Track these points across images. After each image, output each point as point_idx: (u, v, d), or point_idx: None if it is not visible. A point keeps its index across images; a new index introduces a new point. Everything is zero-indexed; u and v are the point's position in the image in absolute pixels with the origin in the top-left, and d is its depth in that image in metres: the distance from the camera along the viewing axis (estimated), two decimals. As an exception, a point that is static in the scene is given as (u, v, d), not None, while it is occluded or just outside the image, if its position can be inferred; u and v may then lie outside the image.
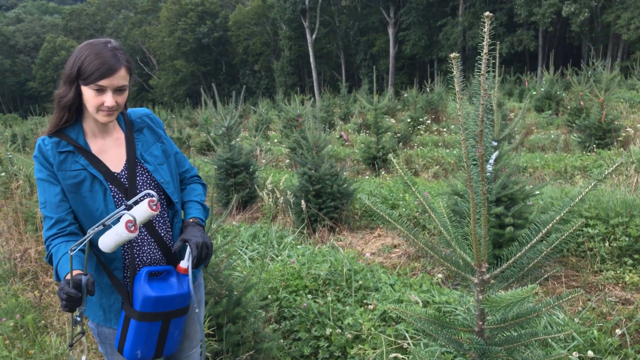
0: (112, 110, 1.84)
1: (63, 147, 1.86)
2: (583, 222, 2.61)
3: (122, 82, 1.82)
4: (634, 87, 16.05)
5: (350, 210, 6.07)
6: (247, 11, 51.60)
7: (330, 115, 16.15)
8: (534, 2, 35.49)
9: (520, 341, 1.15)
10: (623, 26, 32.12)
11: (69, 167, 1.85)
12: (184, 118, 24.80)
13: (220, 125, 7.06)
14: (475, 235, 1.07)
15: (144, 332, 1.81)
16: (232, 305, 2.88)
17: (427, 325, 1.26)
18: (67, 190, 1.85)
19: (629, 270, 4.04)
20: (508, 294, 0.96)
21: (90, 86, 1.78)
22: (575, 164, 7.38)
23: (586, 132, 8.68)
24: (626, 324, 3.21)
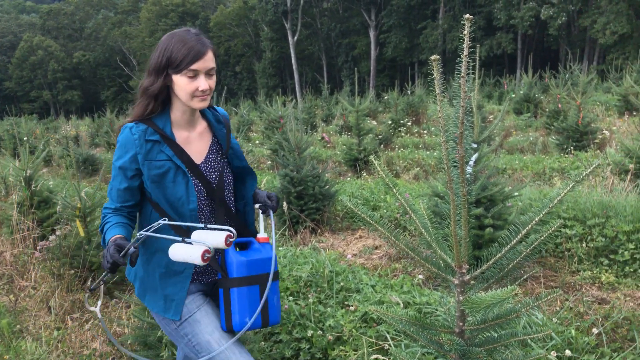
0: (205, 95, 1.87)
1: (150, 136, 1.90)
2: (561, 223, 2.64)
3: (212, 64, 1.87)
4: (609, 90, 16.35)
5: (332, 212, 6.08)
6: (229, 12, 51.42)
7: (312, 116, 16.16)
8: (512, 6, 35.99)
9: (500, 342, 1.16)
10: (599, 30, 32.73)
11: (154, 157, 1.89)
12: (164, 119, 24.53)
13: (201, 127, 7.01)
14: (456, 236, 1.08)
15: (246, 297, 1.86)
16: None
17: (408, 327, 1.26)
18: (150, 180, 1.89)
19: (605, 270, 4.11)
20: (488, 295, 0.97)
21: (182, 73, 1.82)
22: (554, 165, 7.49)
23: (564, 134, 8.82)
24: (602, 323, 3.26)
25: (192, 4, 52.93)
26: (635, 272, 4.04)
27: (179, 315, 1.92)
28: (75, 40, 62.08)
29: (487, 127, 4.54)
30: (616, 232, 4.28)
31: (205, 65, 1.83)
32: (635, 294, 3.74)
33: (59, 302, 3.99)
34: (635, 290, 3.79)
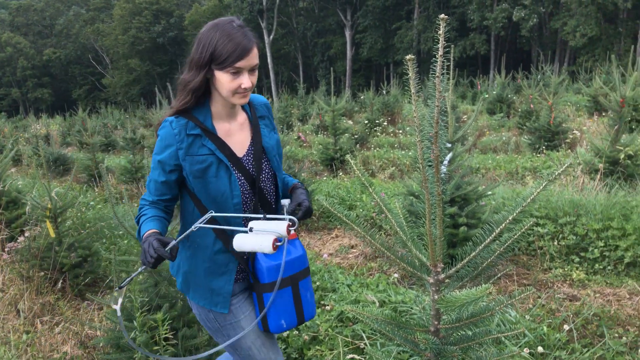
0: (247, 92, 1.83)
1: (191, 130, 1.85)
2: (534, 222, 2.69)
3: (256, 61, 1.81)
4: (579, 91, 16.69)
5: (308, 212, 6.06)
6: (204, 11, 50.96)
7: (288, 116, 16.12)
8: (486, 7, 36.48)
9: (474, 340, 1.16)
10: (569, 33, 33.40)
11: (196, 152, 1.85)
12: (138, 118, 24.24)
13: (175, 126, 6.92)
14: (431, 235, 1.08)
15: (279, 300, 1.84)
16: (187, 309, 2.83)
17: (384, 326, 1.26)
18: (193, 176, 1.85)
19: (575, 268, 4.19)
20: (463, 293, 0.97)
21: (226, 70, 1.76)
22: (526, 165, 7.60)
23: (536, 134, 8.96)
24: (573, 319, 3.32)
25: (166, 1, 52.31)
26: (604, 269, 4.13)
27: (227, 309, 1.92)
28: (46, 37, 60.79)
29: (461, 127, 4.58)
30: (586, 230, 4.37)
31: (250, 63, 1.78)
32: (604, 290, 3.82)
33: (28, 305, 3.90)
34: (604, 287, 3.87)
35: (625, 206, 4.56)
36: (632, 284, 3.82)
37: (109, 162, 10.70)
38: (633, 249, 4.09)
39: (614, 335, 3.15)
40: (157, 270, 2.78)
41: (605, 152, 5.92)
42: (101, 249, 4.75)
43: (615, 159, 5.88)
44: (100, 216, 5.77)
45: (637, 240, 4.13)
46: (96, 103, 43.86)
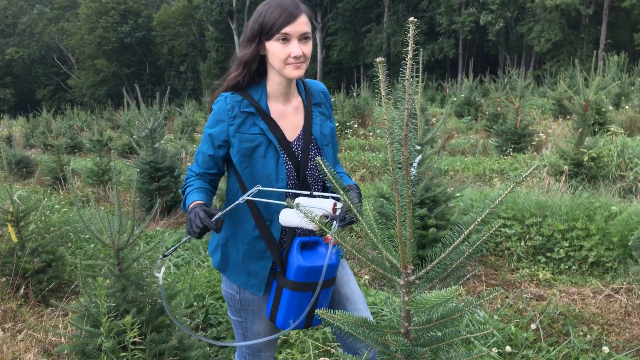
0: (299, 62, 1.78)
1: (245, 107, 1.85)
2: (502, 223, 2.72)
3: (305, 29, 1.77)
4: (545, 94, 17.08)
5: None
6: (173, 11, 50.39)
7: (257, 118, 16.03)
8: (454, 11, 37.04)
9: (444, 341, 1.17)
10: (535, 38, 34.19)
11: (247, 130, 1.84)
12: (105, 120, 23.80)
13: (143, 128, 6.82)
14: (401, 237, 1.09)
15: (296, 301, 1.80)
16: (155, 313, 2.78)
17: (354, 328, 1.26)
18: (240, 154, 1.84)
19: (542, 268, 4.27)
20: (432, 295, 0.98)
21: (274, 38, 1.75)
22: (493, 167, 7.73)
23: (503, 136, 9.13)
24: (540, 318, 3.39)
25: (134, 1, 51.52)
26: (569, 269, 4.23)
27: (261, 291, 1.92)
28: (8, 36, 59.13)
29: (430, 129, 4.63)
30: (552, 230, 4.46)
31: (298, 29, 1.75)
32: (569, 289, 3.90)
33: (-10, 312, 3.77)
34: (569, 287, 3.96)
35: (589, 207, 4.67)
36: (595, 283, 3.92)
37: (74, 165, 10.47)
38: (596, 249, 4.20)
39: (578, 333, 3.23)
40: (125, 274, 2.73)
41: (570, 155, 6.07)
42: (66, 253, 4.63)
43: (580, 161, 6.03)
44: (65, 220, 5.64)
45: (601, 240, 4.24)
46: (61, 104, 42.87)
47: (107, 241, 2.62)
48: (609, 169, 6.18)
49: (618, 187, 5.84)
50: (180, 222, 6.55)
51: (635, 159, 6.33)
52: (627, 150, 6.60)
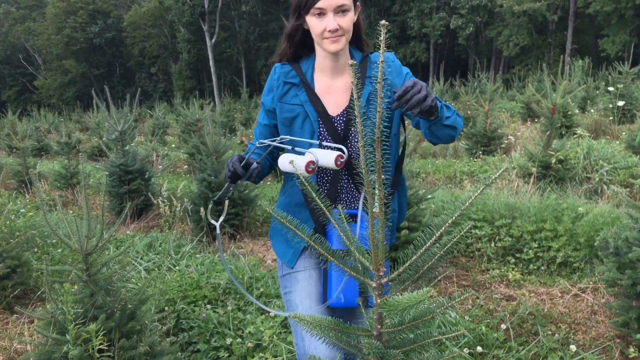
0: (336, 35, 1.75)
1: (290, 78, 1.88)
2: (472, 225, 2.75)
3: (342, 1, 1.72)
4: (513, 98, 17.41)
5: (252, 217, 6.01)
6: (143, 12, 49.73)
7: (231, 120, 15.96)
8: (425, 15, 37.48)
9: (416, 342, 1.18)
10: (504, 42, 34.82)
11: (288, 100, 1.87)
12: (73, 122, 23.35)
13: (113, 130, 6.71)
14: (374, 239, 1.09)
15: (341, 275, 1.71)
16: (125, 319, 2.72)
17: (327, 331, 1.25)
18: (281, 123, 1.89)
19: (511, 269, 4.34)
20: (405, 297, 0.98)
21: (311, 13, 1.74)
22: (464, 169, 7.84)
23: (473, 139, 9.26)
24: (510, 319, 3.44)
25: (103, 1, 50.68)
26: (538, 269, 4.31)
27: (293, 264, 1.94)
28: (-28, 36, 57.53)
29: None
30: (521, 232, 4.54)
31: (332, 3, 1.71)
32: (538, 290, 3.97)
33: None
34: (538, 287, 4.03)
35: (556, 208, 4.77)
36: (563, 283, 4.00)
37: (41, 168, 10.22)
38: (564, 249, 4.29)
39: (547, 332, 3.29)
40: (94, 279, 2.67)
41: (538, 157, 6.19)
42: (32, 259, 4.52)
43: (547, 163, 6.15)
44: (31, 224, 5.49)
45: (568, 241, 4.33)
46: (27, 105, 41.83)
47: (75, 246, 2.57)
48: (576, 171, 6.33)
49: (584, 188, 5.98)
50: (151, 226, 6.45)
51: (601, 161, 6.49)
52: (592, 153, 6.77)
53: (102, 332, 2.54)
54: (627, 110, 11.01)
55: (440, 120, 1.69)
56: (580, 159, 6.68)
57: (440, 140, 1.83)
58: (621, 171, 6.32)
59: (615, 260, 3.10)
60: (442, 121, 1.70)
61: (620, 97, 11.12)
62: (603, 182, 6.03)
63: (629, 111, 10.99)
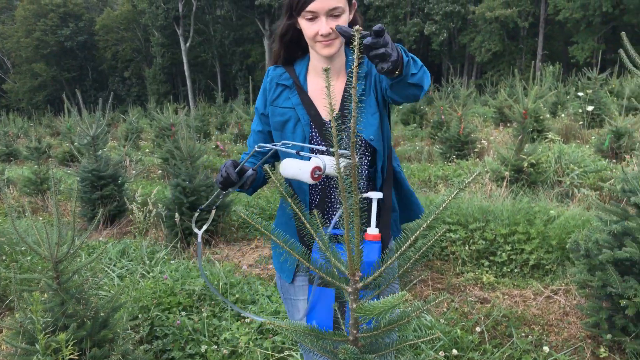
0: (329, 39, 1.67)
1: (283, 80, 1.81)
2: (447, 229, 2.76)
3: (333, 4, 1.63)
4: (486, 103, 17.67)
5: (227, 222, 5.96)
6: (116, 16, 49.10)
7: (205, 124, 15.83)
8: (399, 21, 37.84)
9: (392, 347, 1.18)
10: (476, 48, 35.35)
11: (280, 104, 1.80)
12: (44, 126, 22.90)
13: (85, 134, 6.59)
14: (349, 244, 1.08)
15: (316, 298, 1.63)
16: (97, 328, 2.67)
17: (303, 337, 1.24)
18: (273, 128, 1.82)
19: (485, 271, 4.39)
20: (380, 301, 0.98)
21: (302, 15, 1.66)
22: (438, 173, 7.91)
23: (447, 144, 9.37)
24: (484, 321, 3.47)
25: (75, 4, 49.84)
26: (511, 272, 4.36)
27: (290, 278, 1.88)
28: (-62, 38, 56.01)
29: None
30: (495, 235, 4.60)
31: (324, 6, 1.62)
32: (512, 292, 4.03)
33: None
34: (512, 289, 4.09)
35: (529, 212, 4.84)
36: (536, 285, 4.06)
37: (9, 173, 9.99)
38: (537, 252, 4.35)
39: (520, 334, 3.33)
40: (64, 287, 2.61)
41: (511, 161, 6.28)
42: (0, 267, 4.40)
43: (520, 167, 6.25)
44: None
45: (540, 243, 4.40)
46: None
47: (45, 253, 2.51)
48: (547, 174, 6.44)
49: (556, 192, 6.09)
50: (124, 232, 6.35)
51: (571, 164, 6.62)
52: (563, 157, 6.91)
53: (73, 342, 2.49)
54: (596, 115, 11.27)
55: (405, 78, 1.53)
56: (551, 162, 6.80)
57: (403, 100, 1.69)
58: (591, 174, 6.46)
59: (586, 262, 3.16)
60: (406, 79, 1.54)
61: (589, 102, 11.38)
62: (574, 185, 6.16)
63: (598, 116, 11.25)
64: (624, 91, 12.64)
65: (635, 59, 2.65)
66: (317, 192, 1.82)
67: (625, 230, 2.90)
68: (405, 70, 1.49)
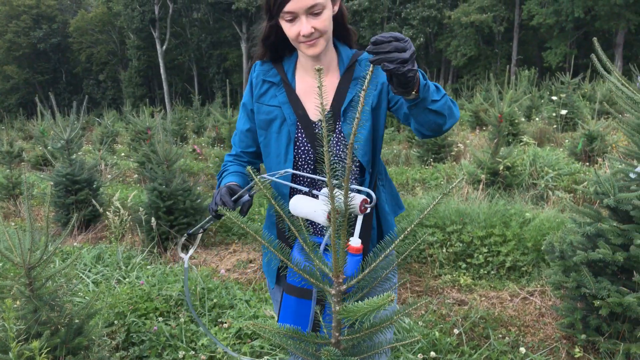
0: (312, 39, 1.58)
1: (270, 77, 1.74)
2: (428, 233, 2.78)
3: (310, 2, 1.53)
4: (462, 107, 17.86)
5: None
6: (91, 18, 48.43)
7: (182, 128, 15.70)
8: (376, 25, 38.08)
9: (374, 349, 1.18)
10: (452, 53, 35.77)
11: (266, 101, 1.73)
12: (16, 130, 22.42)
13: (58, 138, 6.47)
14: (335, 246, 1.08)
15: (291, 309, 1.54)
16: (72, 335, 2.62)
17: (285, 340, 1.24)
18: (258, 126, 1.75)
19: (463, 274, 4.43)
20: (365, 302, 0.98)
21: (281, 17, 1.58)
22: (415, 176, 7.97)
23: (424, 147, 9.45)
24: (462, 323, 3.50)
25: (48, 6, 49.03)
26: (488, 273, 4.41)
27: (273, 284, 1.87)
28: None
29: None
30: (472, 237, 4.64)
31: (302, 5, 1.52)
32: (489, 294, 4.07)
33: None
34: (489, 291, 4.13)
35: (505, 214, 4.91)
36: (512, 287, 4.11)
37: (-19, 178, 9.75)
38: (512, 254, 4.41)
39: (498, 336, 3.36)
40: (38, 294, 2.55)
41: (487, 164, 6.36)
42: (-29, 273, 4.29)
43: (495, 170, 6.33)
44: (-30, 237, 5.22)
45: (516, 245, 4.46)
46: (-34, 113, 39.92)
47: (17, 259, 2.45)
48: (523, 177, 6.54)
49: (531, 194, 6.18)
50: (99, 237, 6.25)
51: (546, 167, 6.73)
52: (538, 160, 7.02)
53: (47, 349, 2.43)
54: (570, 119, 11.49)
55: (423, 102, 1.42)
56: (526, 165, 6.91)
57: (425, 129, 1.54)
58: (565, 177, 6.58)
59: (560, 263, 3.21)
60: (425, 103, 1.43)
61: (563, 106, 11.60)
62: (548, 188, 6.26)
63: (571, 119, 11.48)
64: (596, 95, 12.93)
65: (606, 64, 2.71)
66: None
67: (598, 232, 2.96)
68: (423, 93, 1.40)
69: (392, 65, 1.22)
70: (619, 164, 3.15)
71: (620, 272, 2.97)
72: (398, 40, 1.23)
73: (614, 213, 2.99)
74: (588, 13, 28.86)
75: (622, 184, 2.99)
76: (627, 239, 2.82)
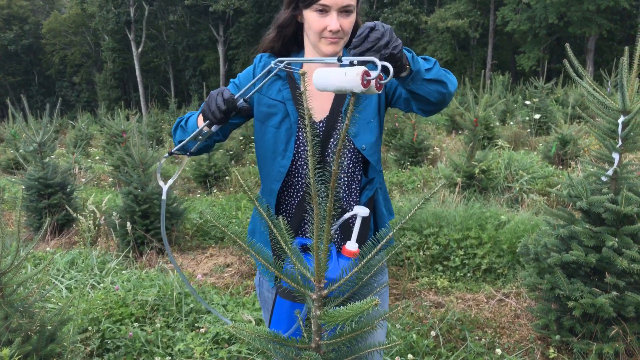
0: (336, 37, 1.57)
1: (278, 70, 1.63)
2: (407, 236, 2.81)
3: (347, 1, 1.54)
4: (439, 111, 18.04)
5: (181, 231, 5.85)
6: (64, 19, 47.63)
7: (158, 131, 15.54)
8: (354, 31, 38.23)
9: (354, 354, 1.18)
10: (429, 57, 36.03)
11: (270, 94, 1.68)
12: (-15, 132, 21.91)
13: (31, 141, 6.35)
14: (317, 250, 1.08)
15: (285, 313, 1.53)
16: (44, 342, 2.56)
17: (264, 344, 1.23)
18: (256, 117, 1.71)
19: (439, 276, 4.47)
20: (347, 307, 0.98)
21: (312, 7, 1.55)
22: (393, 180, 8.02)
23: (401, 150, 9.52)
24: (439, 325, 3.53)
25: (19, 7, 48.08)
26: (465, 276, 4.46)
27: (272, 283, 1.79)
28: None
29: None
30: (448, 240, 4.68)
31: (339, 1, 1.53)
32: (465, 296, 4.11)
33: None
34: (465, 293, 4.17)
35: (481, 217, 4.97)
36: (488, 289, 4.16)
37: (-51, 181, 9.50)
38: (488, 256, 4.46)
39: (474, 337, 3.40)
40: (8, 301, 2.49)
41: (463, 167, 6.43)
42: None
43: (471, 173, 6.41)
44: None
45: (492, 248, 4.51)
46: None
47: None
48: (498, 180, 6.63)
49: (506, 197, 6.27)
50: (73, 242, 6.14)
51: (520, 171, 6.84)
52: (513, 163, 7.12)
53: (18, 357, 2.37)
54: (543, 123, 11.70)
55: (418, 74, 1.42)
56: (501, 169, 7.00)
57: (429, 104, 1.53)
58: (539, 180, 6.69)
59: (535, 265, 3.26)
60: (420, 74, 1.43)
61: (536, 110, 11.81)
62: (523, 191, 6.36)
63: (544, 123, 11.69)
64: (568, 100, 13.19)
65: (578, 69, 2.77)
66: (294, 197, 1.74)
67: (571, 234, 3.02)
68: (415, 65, 1.42)
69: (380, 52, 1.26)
70: (591, 167, 3.21)
71: (592, 273, 3.03)
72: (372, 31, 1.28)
73: (587, 215, 3.05)
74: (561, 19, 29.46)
75: (595, 186, 3.06)
76: (599, 241, 2.88)
